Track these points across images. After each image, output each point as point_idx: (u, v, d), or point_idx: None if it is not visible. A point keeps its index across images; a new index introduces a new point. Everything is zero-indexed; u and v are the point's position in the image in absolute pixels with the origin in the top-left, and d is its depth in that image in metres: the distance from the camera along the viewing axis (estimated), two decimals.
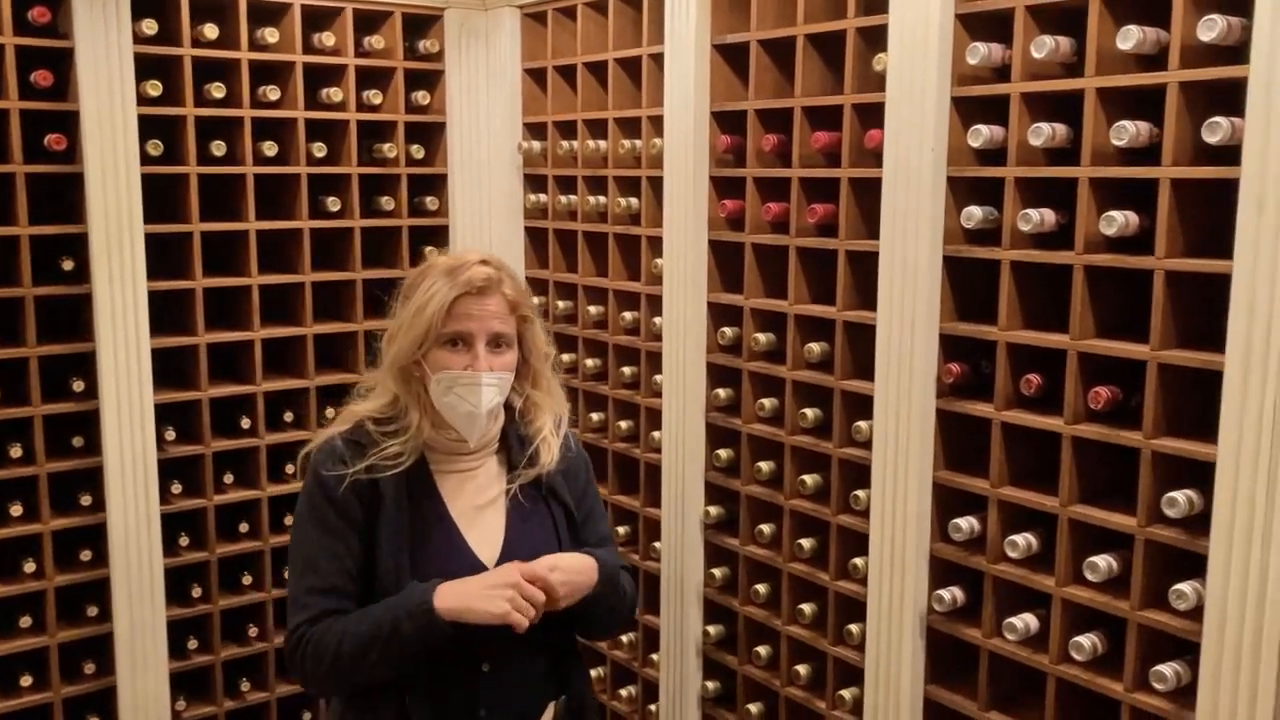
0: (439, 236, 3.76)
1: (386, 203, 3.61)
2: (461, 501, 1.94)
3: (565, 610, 1.90)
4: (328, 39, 3.40)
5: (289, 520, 3.51)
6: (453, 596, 1.78)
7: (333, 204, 3.51)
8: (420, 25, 3.65)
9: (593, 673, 3.57)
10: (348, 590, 1.86)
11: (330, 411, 3.58)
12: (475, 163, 3.71)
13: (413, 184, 3.69)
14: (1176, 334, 2.05)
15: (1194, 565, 2.02)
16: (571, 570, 1.89)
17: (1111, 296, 2.18)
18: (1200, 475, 1.99)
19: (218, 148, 3.25)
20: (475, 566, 1.88)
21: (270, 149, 3.34)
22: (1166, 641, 2.09)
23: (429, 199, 3.72)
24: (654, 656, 3.29)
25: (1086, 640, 2.20)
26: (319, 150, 3.44)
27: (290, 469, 3.51)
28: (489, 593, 1.78)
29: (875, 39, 2.48)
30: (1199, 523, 2.00)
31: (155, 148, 3.15)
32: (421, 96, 3.65)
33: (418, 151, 3.66)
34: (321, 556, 1.86)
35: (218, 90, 3.23)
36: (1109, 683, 2.17)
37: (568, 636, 2.03)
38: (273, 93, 3.33)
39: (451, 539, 1.90)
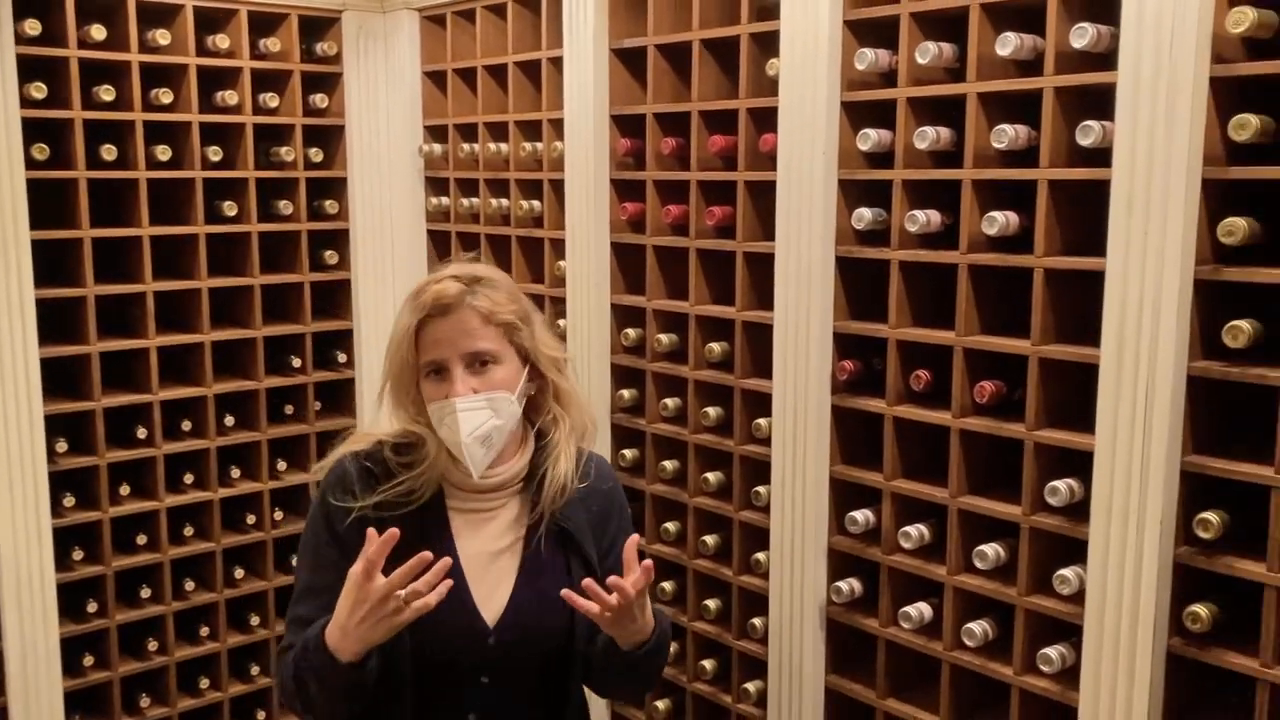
0: (339, 241, 3.72)
1: (285, 207, 3.56)
2: (475, 546, 1.73)
3: (571, 657, 1.74)
4: (222, 41, 3.35)
5: (189, 531, 3.45)
6: (345, 640, 1.58)
7: (229, 209, 3.45)
8: (317, 27, 3.61)
9: None
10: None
11: (229, 419, 3.53)
12: (375, 166, 3.68)
13: (311, 188, 3.65)
14: (1056, 329, 2.14)
15: (1076, 551, 2.10)
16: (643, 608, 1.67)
17: (995, 294, 2.26)
18: (1080, 464, 2.08)
19: (108, 151, 3.17)
20: (473, 625, 1.69)
21: (164, 153, 3.28)
22: (1052, 625, 2.18)
23: (328, 203, 3.68)
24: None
25: (977, 627, 2.27)
26: (215, 154, 3.38)
27: (189, 478, 3.44)
28: (376, 625, 1.56)
29: (768, 44, 2.53)
30: (1080, 510, 2.09)
31: (41, 151, 3.06)
32: (319, 99, 3.61)
33: (316, 155, 3.62)
34: (312, 588, 1.71)
35: (107, 93, 3.15)
36: (999, 667, 2.25)
37: (565, 688, 1.79)
38: (165, 96, 3.27)
39: (455, 591, 1.61)
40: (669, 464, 2.93)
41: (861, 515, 2.46)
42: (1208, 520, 1.90)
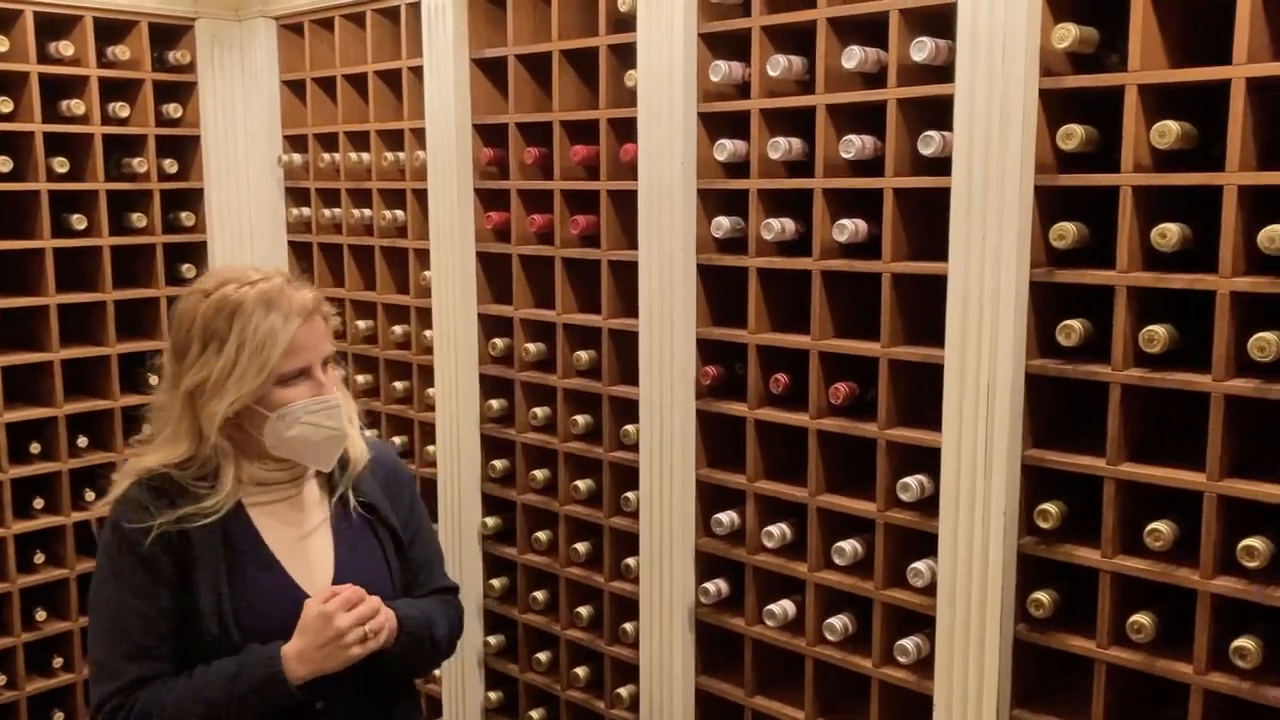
0: (196, 253, 3.62)
1: (138, 219, 3.46)
2: (283, 533, 1.77)
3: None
4: (66, 48, 3.23)
5: (39, 558, 3.31)
6: (302, 665, 1.65)
7: (78, 221, 3.33)
8: (169, 35, 3.51)
9: None
10: (161, 653, 1.67)
11: (83, 440, 3.41)
12: (233, 176, 3.60)
13: (166, 199, 3.55)
14: (905, 332, 2.22)
15: (929, 544, 2.19)
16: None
17: (848, 299, 2.33)
18: (930, 461, 2.16)
19: None
20: (302, 601, 1.71)
21: (4, 164, 3.14)
22: (908, 617, 2.26)
23: (184, 214, 3.58)
24: (435, 672, 3.27)
25: (838, 621, 2.34)
26: (60, 165, 3.26)
27: (40, 503, 3.31)
28: (332, 651, 1.65)
29: (627, 56, 2.57)
30: (931, 505, 2.17)
31: None
32: (173, 109, 3.51)
33: (171, 166, 3.52)
34: (130, 618, 1.66)
35: None
36: (860, 660, 2.32)
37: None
38: (5, 105, 3.14)
39: (275, 577, 1.73)
40: (539, 473, 2.94)
41: (727, 517, 2.51)
42: (1047, 510, 2.00)
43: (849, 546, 2.31)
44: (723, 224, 2.43)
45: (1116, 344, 1.90)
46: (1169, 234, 1.81)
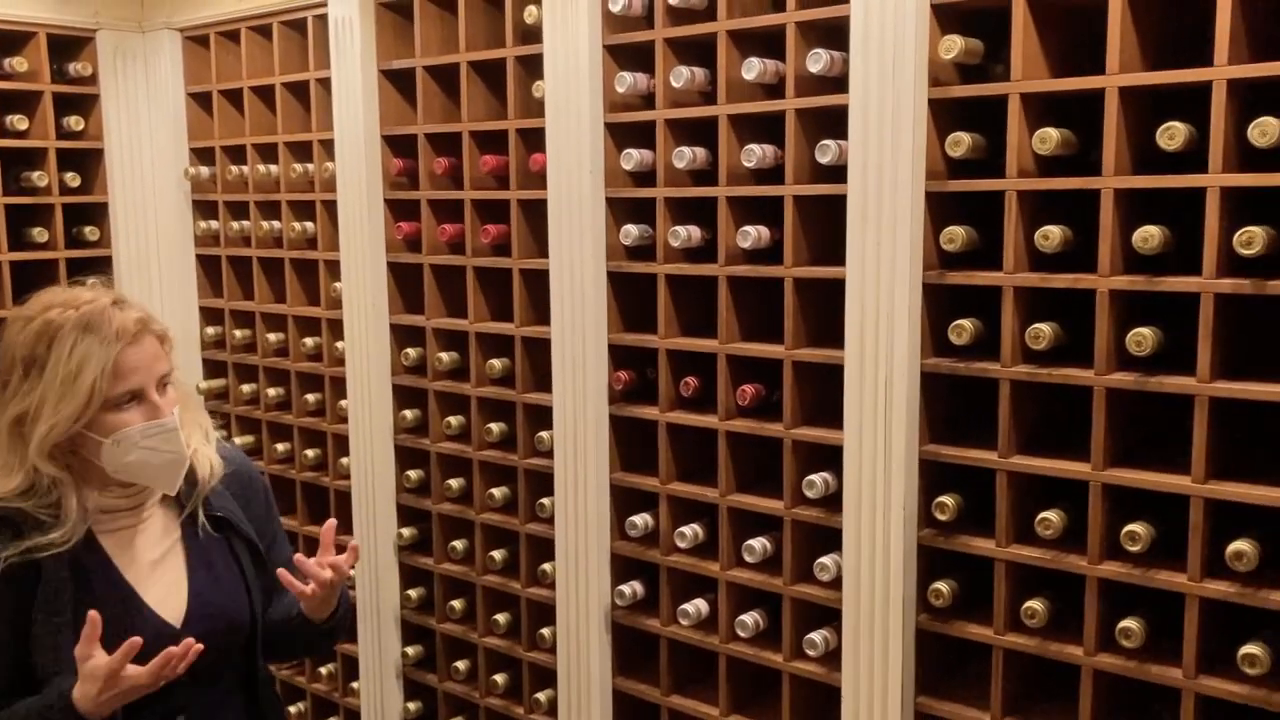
0: (101, 267, 3.55)
1: (39, 234, 3.39)
2: (133, 559, 1.74)
3: (255, 633, 1.81)
4: None
5: None
6: (92, 707, 1.58)
7: None
8: (69, 47, 3.46)
9: (292, 709, 3.49)
10: None
11: None
12: (139, 190, 3.55)
13: (69, 214, 3.48)
14: (808, 334, 2.29)
15: (834, 540, 2.25)
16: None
17: (754, 303, 2.39)
18: (834, 458, 2.23)
19: None
20: (160, 630, 1.70)
21: None
22: (816, 612, 2.32)
23: (88, 229, 3.53)
24: (354, 685, 3.26)
25: (749, 618, 2.40)
26: None
27: None
28: (122, 695, 1.58)
29: (534, 67, 2.61)
30: (835, 501, 2.24)
31: None
32: (74, 121, 3.46)
33: (73, 179, 3.46)
34: None
35: None
36: (771, 655, 2.38)
37: (255, 664, 1.87)
38: None
39: (128, 606, 1.69)
40: (454, 482, 2.95)
41: (640, 519, 2.55)
42: (944, 503, 2.08)
43: (758, 544, 2.37)
44: (631, 232, 2.48)
45: (1005, 342, 1.99)
46: (1051, 236, 1.91)
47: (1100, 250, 1.87)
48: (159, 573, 1.75)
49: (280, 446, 3.41)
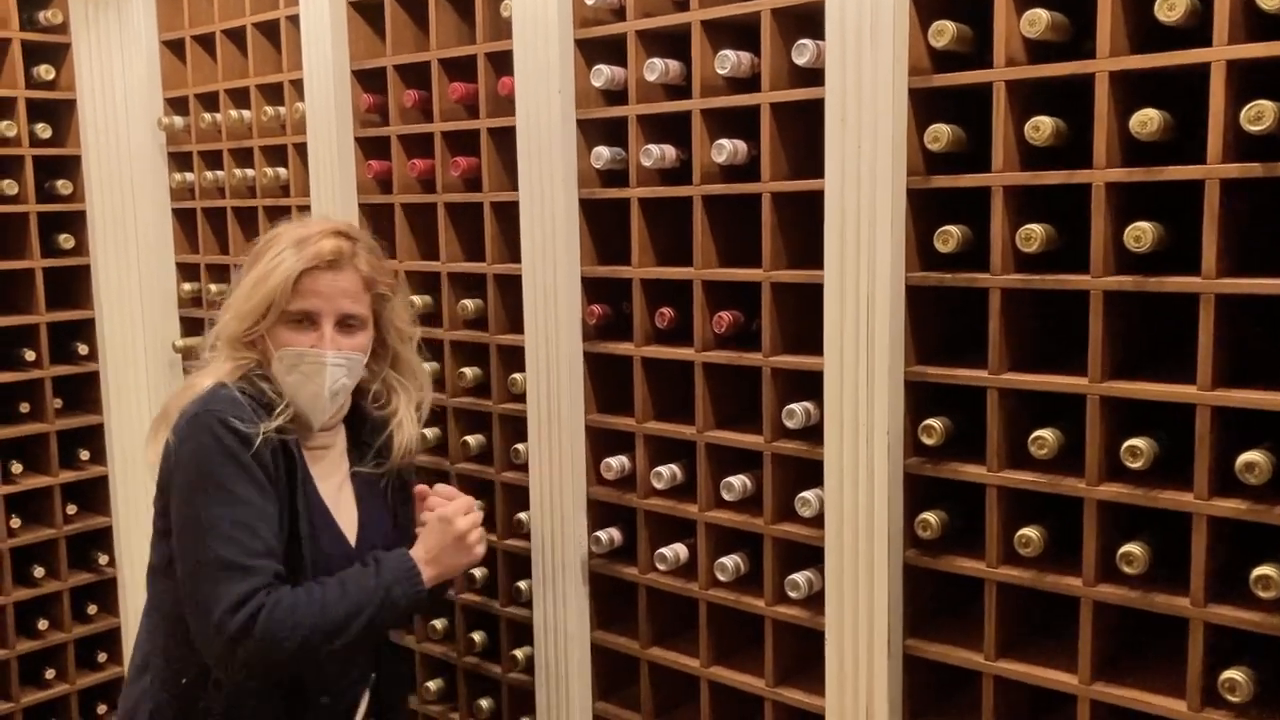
0: (75, 222, 3.46)
1: (9, 187, 3.29)
2: (324, 477, 1.85)
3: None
4: None
5: None
6: (430, 566, 1.81)
7: None
8: None
9: None
10: (281, 556, 1.69)
11: None
12: (112, 142, 3.45)
13: (40, 166, 3.39)
14: (787, 255, 2.14)
15: (817, 474, 2.10)
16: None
17: (730, 225, 2.25)
18: (816, 387, 2.08)
19: None
20: (346, 551, 1.82)
21: None
22: (800, 552, 2.17)
23: (60, 182, 3.43)
24: None
25: (729, 561, 2.25)
26: None
27: None
28: (457, 548, 1.85)
29: None
30: (818, 432, 2.09)
31: None
32: (45, 71, 3.36)
33: (44, 131, 3.37)
34: (255, 516, 1.66)
35: None
36: (752, 600, 2.23)
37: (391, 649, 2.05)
38: None
39: (326, 517, 1.82)
40: (429, 432, 2.82)
41: (616, 461, 2.41)
42: (931, 427, 1.93)
43: (738, 482, 2.22)
44: (603, 154, 2.34)
45: (995, 247, 1.84)
46: (1043, 127, 1.75)
47: (1095, 139, 1.72)
48: (339, 496, 1.87)
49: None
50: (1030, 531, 1.83)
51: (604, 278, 2.42)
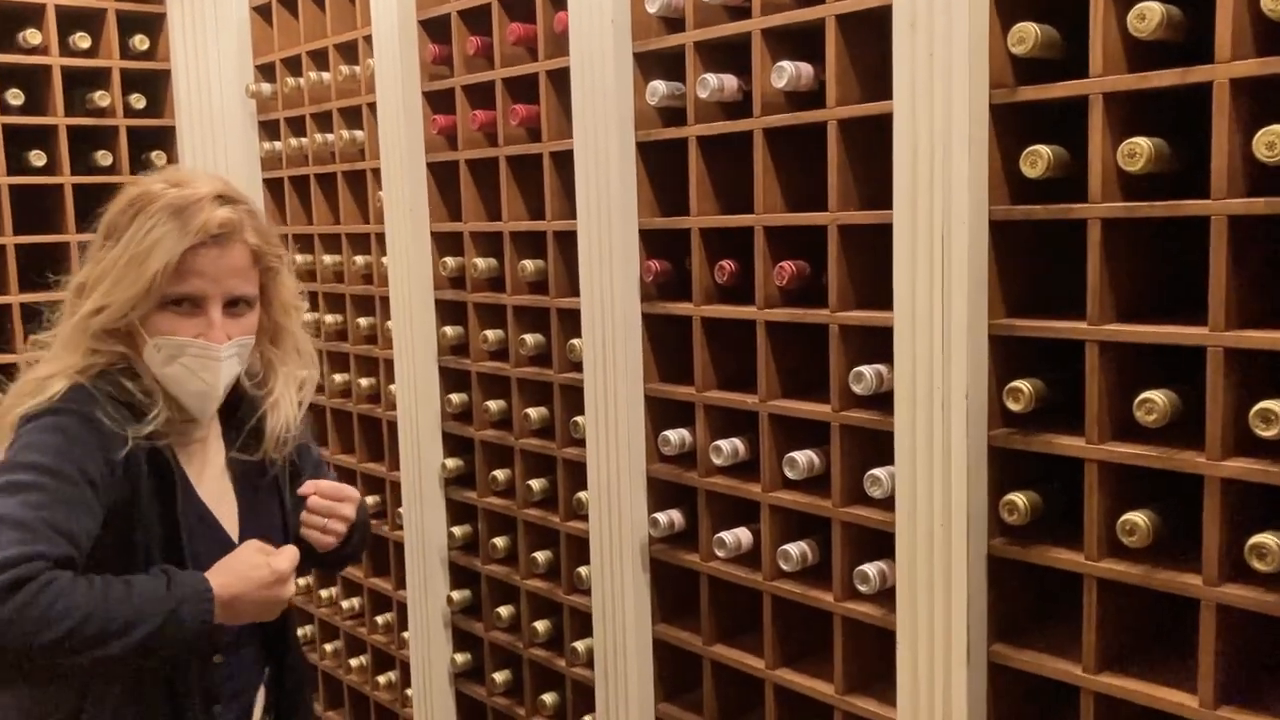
0: None
1: (103, 157, 3.29)
2: (199, 470, 1.59)
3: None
4: None
5: None
6: (227, 609, 1.44)
7: (36, 158, 3.17)
8: None
9: (354, 661, 3.27)
10: (85, 553, 1.40)
11: None
12: (206, 113, 3.40)
13: (135, 137, 3.37)
14: (857, 195, 1.85)
15: (891, 448, 1.80)
16: (351, 503, 1.65)
17: (793, 165, 1.97)
18: (890, 349, 1.78)
19: None
20: (227, 544, 1.56)
21: None
22: (871, 538, 1.87)
23: (155, 154, 3.41)
24: (405, 635, 2.99)
25: (794, 549, 1.97)
26: (14, 97, 3.11)
27: None
28: (267, 594, 1.46)
29: None
30: (891, 400, 1.78)
31: None
32: (140, 40, 3.34)
33: (138, 101, 3.35)
34: (77, 503, 1.39)
35: None
36: (820, 594, 1.94)
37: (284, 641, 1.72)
38: None
39: (204, 515, 1.56)
40: (493, 405, 2.64)
41: (676, 435, 2.16)
42: (1019, 390, 1.61)
43: (802, 458, 1.94)
44: (659, 89, 2.10)
45: (1094, 169, 1.50)
46: (1150, 14, 1.41)
47: (1218, 26, 1.37)
48: (220, 488, 1.61)
49: (338, 378, 3.18)
50: (1138, 517, 1.49)
51: (662, 229, 2.17)
